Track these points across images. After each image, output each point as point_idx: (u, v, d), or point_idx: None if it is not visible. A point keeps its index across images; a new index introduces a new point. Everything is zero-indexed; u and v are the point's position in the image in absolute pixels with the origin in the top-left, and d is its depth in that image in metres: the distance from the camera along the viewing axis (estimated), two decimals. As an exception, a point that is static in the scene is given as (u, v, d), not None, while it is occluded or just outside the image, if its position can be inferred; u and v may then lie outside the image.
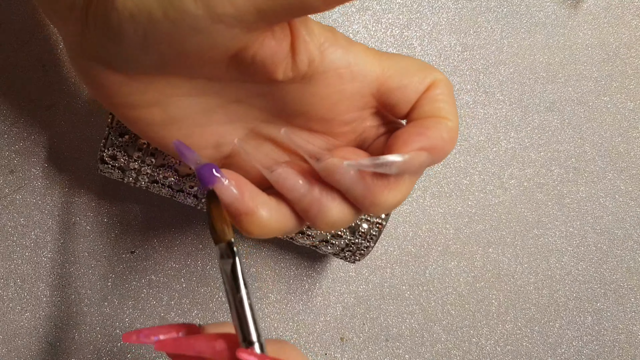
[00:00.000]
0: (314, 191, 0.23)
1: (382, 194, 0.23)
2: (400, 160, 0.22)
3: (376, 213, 0.24)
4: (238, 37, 0.20)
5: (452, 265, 0.41)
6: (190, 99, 0.23)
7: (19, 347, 0.36)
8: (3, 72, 0.36)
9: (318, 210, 0.23)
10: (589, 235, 0.43)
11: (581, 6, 0.43)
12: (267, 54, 0.21)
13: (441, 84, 0.24)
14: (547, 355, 0.42)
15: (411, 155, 0.22)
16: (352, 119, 0.25)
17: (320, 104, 0.24)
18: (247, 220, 0.23)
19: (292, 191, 0.23)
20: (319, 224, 0.24)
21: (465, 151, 0.41)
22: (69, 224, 0.37)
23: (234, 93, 0.24)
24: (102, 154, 0.31)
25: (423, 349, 0.40)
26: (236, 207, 0.22)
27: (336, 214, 0.24)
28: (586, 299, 0.42)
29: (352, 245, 0.33)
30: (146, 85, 0.22)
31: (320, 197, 0.23)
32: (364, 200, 0.23)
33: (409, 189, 0.24)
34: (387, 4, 0.41)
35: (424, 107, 0.24)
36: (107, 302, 0.37)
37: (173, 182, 0.31)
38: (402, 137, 0.23)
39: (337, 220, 0.24)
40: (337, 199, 0.24)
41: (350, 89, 0.23)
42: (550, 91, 0.43)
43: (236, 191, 0.22)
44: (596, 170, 0.43)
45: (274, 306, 0.39)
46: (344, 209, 0.24)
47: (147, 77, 0.22)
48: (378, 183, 0.23)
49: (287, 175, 0.23)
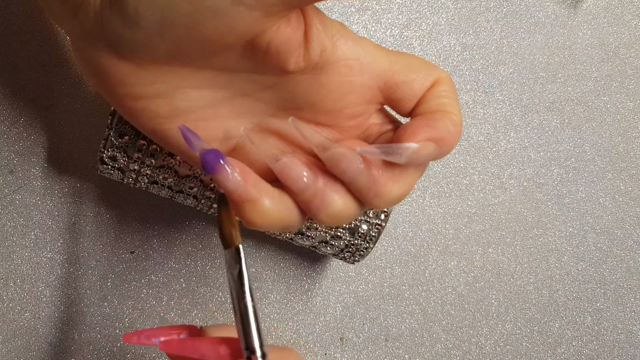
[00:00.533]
0: (318, 182, 0.23)
1: (387, 185, 0.23)
2: (410, 148, 0.22)
3: (379, 206, 0.24)
4: (257, 21, 0.20)
5: (452, 265, 0.41)
6: (197, 92, 0.23)
7: (19, 347, 0.36)
8: (3, 72, 0.36)
9: (321, 202, 0.23)
10: (588, 235, 0.43)
11: (581, 6, 0.43)
12: (282, 41, 0.21)
13: (445, 82, 0.24)
14: (547, 355, 0.42)
15: (420, 145, 0.22)
16: (358, 112, 0.25)
17: (329, 95, 0.24)
18: (249, 207, 0.22)
19: (296, 181, 0.23)
20: (321, 216, 0.24)
21: (464, 151, 0.41)
22: (69, 224, 0.37)
23: (241, 86, 0.24)
24: (102, 155, 0.31)
25: (423, 349, 0.40)
26: (239, 194, 0.22)
27: (339, 205, 0.24)
28: (586, 298, 0.42)
29: (352, 246, 0.33)
30: (155, 75, 0.22)
31: (325, 188, 0.23)
32: (369, 192, 0.23)
33: (412, 184, 0.24)
34: (387, 4, 0.41)
35: (429, 102, 0.24)
36: (107, 302, 0.37)
37: (173, 183, 0.31)
38: (410, 128, 0.23)
39: (340, 212, 0.24)
40: (341, 191, 0.24)
41: (359, 81, 0.24)
42: (549, 91, 0.43)
43: (240, 178, 0.22)
44: (596, 170, 0.43)
45: (273, 306, 0.39)
46: (347, 201, 0.24)
47: (157, 67, 0.22)
48: (383, 175, 0.23)
49: (292, 164, 0.23)
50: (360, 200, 0.24)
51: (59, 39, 0.36)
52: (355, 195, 0.24)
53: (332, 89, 0.24)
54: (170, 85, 0.23)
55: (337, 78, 0.23)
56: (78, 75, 0.37)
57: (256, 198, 0.22)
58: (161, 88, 0.23)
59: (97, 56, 0.22)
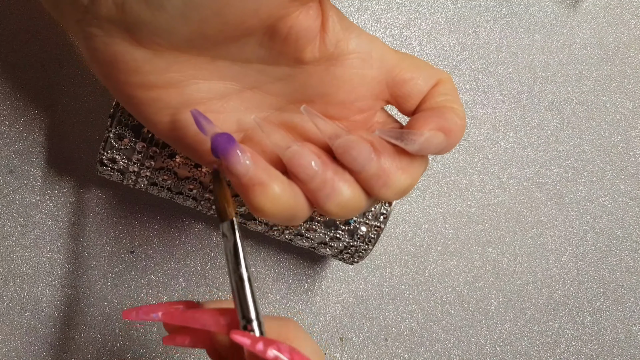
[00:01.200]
0: (327, 171, 0.24)
1: (396, 175, 0.24)
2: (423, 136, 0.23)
3: (386, 196, 0.24)
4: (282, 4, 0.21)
5: (452, 264, 0.41)
6: (208, 83, 0.24)
7: (18, 347, 0.36)
8: (3, 72, 0.36)
9: (330, 190, 0.24)
10: (588, 235, 0.43)
11: (580, 6, 0.43)
12: (302, 28, 0.22)
13: (448, 82, 0.25)
14: (547, 355, 0.42)
15: (431, 133, 0.23)
16: (367, 106, 0.25)
17: (341, 86, 0.24)
18: (259, 192, 0.22)
19: (305, 168, 0.23)
20: (329, 206, 0.24)
21: (464, 151, 0.41)
22: (69, 224, 0.37)
23: (253, 78, 0.24)
24: (102, 157, 0.31)
25: (422, 348, 0.40)
26: (250, 177, 0.22)
27: (347, 195, 0.24)
28: (585, 298, 0.42)
29: (351, 247, 0.33)
30: (170, 63, 0.22)
31: (334, 177, 0.24)
32: (378, 181, 0.24)
33: (418, 176, 0.25)
34: (386, 4, 0.41)
35: (434, 98, 0.25)
36: (107, 302, 0.37)
37: (172, 184, 0.31)
38: (422, 118, 0.24)
39: (348, 202, 0.24)
40: (350, 181, 0.24)
41: (370, 74, 0.24)
42: (549, 91, 0.43)
43: (250, 162, 0.22)
44: (595, 169, 0.43)
45: (273, 306, 0.39)
46: (355, 191, 0.24)
47: (172, 54, 0.22)
48: (392, 164, 0.24)
49: (302, 152, 0.23)
50: (368, 191, 0.24)
51: (59, 39, 0.36)
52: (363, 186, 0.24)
53: (345, 80, 0.24)
54: (183, 74, 0.23)
55: (349, 70, 0.24)
56: (78, 75, 0.37)
57: (266, 182, 0.22)
58: (174, 77, 0.23)
59: (111, 43, 0.22)
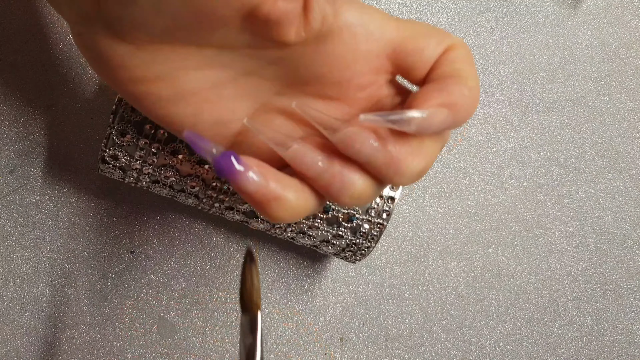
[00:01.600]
0: (334, 165, 0.22)
1: (406, 160, 0.22)
2: (419, 116, 0.21)
3: (400, 183, 0.23)
4: None
5: (452, 265, 0.41)
6: (199, 73, 0.23)
7: (18, 347, 0.36)
8: (3, 72, 0.36)
9: (342, 185, 0.22)
10: (588, 236, 0.43)
11: (581, 6, 0.43)
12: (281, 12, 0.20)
13: (460, 47, 0.23)
14: (547, 356, 0.42)
15: (430, 111, 0.21)
16: (367, 82, 0.24)
17: (334, 64, 0.23)
18: (276, 206, 0.22)
19: (311, 168, 0.22)
20: (342, 199, 0.23)
21: (464, 151, 0.41)
22: (69, 224, 0.37)
23: (244, 64, 0.23)
24: (104, 153, 0.30)
25: (423, 349, 0.40)
26: (263, 193, 0.21)
27: (360, 186, 0.23)
28: (586, 299, 0.42)
29: (353, 245, 0.33)
30: (154, 56, 0.22)
31: (342, 170, 0.22)
32: (388, 170, 0.22)
33: (434, 156, 0.23)
34: (387, 4, 0.41)
35: (442, 68, 0.23)
36: (107, 302, 0.37)
37: (174, 181, 0.31)
38: (421, 94, 0.22)
39: (362, 192, 0.23)
40: (360, 171, 0.23)
41: (365, 48, 0.23)
42: (549, 91, 0.43)
43: (259, 178, 0.21)
44: (596, 170, 0.43)
45: (273, 306, 0.39)
46: (367, 180, 0.23)
47: (155, 47, 0.22)
48: (401, 150, 0.22)
49: (304, 151, 0.22)
50: (381, 179, 0.23)
51: (59, 39, 0.36)
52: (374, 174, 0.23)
53: (338, 57, 0.23)
54: (170, 66, 0.22)
55: (341, 47, 0.22)
56: (78, 75, 0.37)
57: (281, 195, 0.22)
58: (162, 69, 0.22)
59: (95, 40, 0.22)
